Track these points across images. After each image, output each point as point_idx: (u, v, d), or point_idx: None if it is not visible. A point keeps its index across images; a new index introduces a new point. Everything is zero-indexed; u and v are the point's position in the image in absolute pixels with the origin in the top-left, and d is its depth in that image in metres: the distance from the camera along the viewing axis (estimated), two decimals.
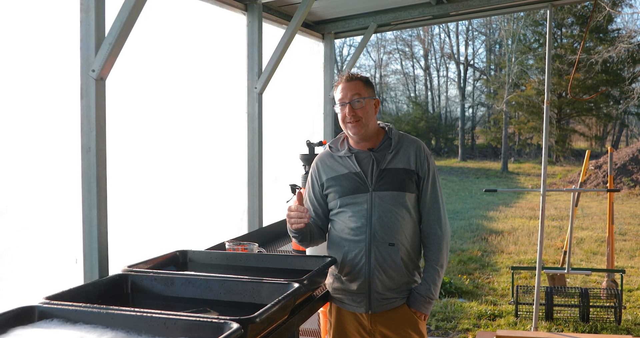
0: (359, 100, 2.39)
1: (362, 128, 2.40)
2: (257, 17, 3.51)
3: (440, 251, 2.43)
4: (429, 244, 2.46)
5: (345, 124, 2.42)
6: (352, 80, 2.42)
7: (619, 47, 17.43)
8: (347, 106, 2.38)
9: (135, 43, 2.47)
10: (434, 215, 2.45)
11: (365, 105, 2.40)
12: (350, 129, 2.41)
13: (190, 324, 1.60)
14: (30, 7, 2.11)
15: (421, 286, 2.43)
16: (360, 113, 2.38)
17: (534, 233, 9.50)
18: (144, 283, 2.12)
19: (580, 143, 29.02)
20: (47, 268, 2.19)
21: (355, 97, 2.39)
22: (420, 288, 2.42)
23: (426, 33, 33.23)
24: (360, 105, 2.39)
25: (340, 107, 2.41)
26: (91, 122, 2.22)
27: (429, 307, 2.43)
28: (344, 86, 2.42)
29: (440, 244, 2.44)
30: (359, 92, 2.40)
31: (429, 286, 2.41)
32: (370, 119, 2.42)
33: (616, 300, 5.10)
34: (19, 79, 2.09)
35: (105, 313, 1.67)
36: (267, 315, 1.68)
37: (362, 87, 2.42)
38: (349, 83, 2.41)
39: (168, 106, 2.90)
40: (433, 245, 2.44)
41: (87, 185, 2.24)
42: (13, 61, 2.06)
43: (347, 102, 2.39)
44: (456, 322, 5.17)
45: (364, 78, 2.45)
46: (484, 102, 32.45)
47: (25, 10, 2.10)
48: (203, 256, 2.56)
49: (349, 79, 2.42)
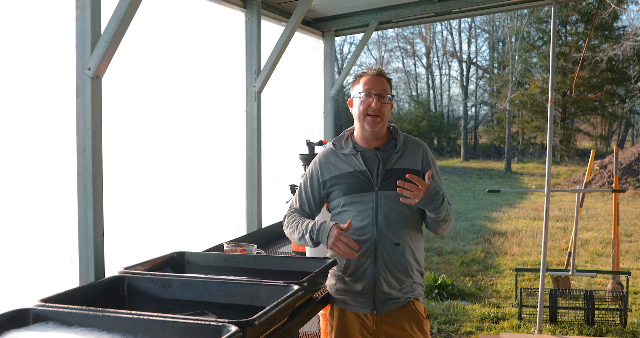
0: (385, 95, 2.43)
1: (379, 124, 2.42)
2: (256, 14, 3.51)
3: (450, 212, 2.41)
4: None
5: (365, 117, 2.42)
6: (381, 75, 2.46)
7: (624, 45, 17.44)
8: (375, 97, 2.40)
9: (131, 41, 2.47)
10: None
11: (388, 104, 2.45)
12: (368, 123, 2.42)
13: (187, 327, 1.60)
14: (24, 3, 2.11)
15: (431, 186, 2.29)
16: (383, 109, 2.42)
17: (538, 234, 9.50)
18: (140, 285, 2.12)
19: (585, 142, 29.04)
20: (42, 269, 2.19)
21: (384, 92, 2.43)
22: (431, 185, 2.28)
23: (428, 31, 33.27)
24: (385, 101, 2.43)
25: (365, 97, 2.42)
26: (87, 121, 2.22)
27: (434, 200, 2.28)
28: (373, 78, 2.44)
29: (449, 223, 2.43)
30: (386, 89, 2.44)
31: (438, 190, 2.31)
32: (387, 118, 2.47)
33: (622, 303, 5.10)
34: (14, 78, 2.09)
35: (101, 316, 1.67)
36: (267, 318, 1.68)
37: (388, 86, 2.47)
38: (379, 77, 2.45)
39: (165, 105, 2.90)
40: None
41: (83, 185, 2.24)
42: (7, 58, 2.06)
43: (375, 93, 2.41)
44: (459, 324, 5.17)
45: (390, 78, 2.51)
46: (487, 101, 32.46)
47: (19, 7, 2.10)
48: (201, 257, 2.56)
49: (379, 73, 2.46)
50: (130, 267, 2.25)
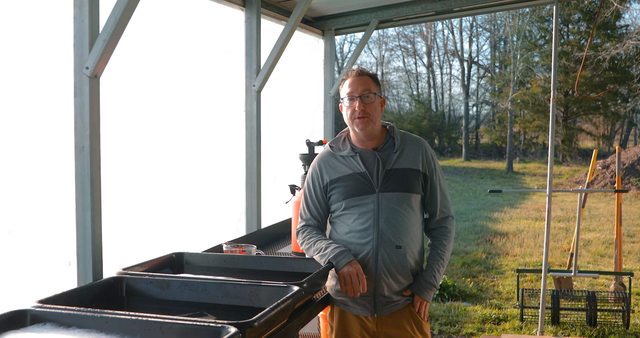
0: (368, 95, 2.40)
1: (369, 124, 2.40)
2: (256, 13, 3.51)
3: (448, 244, 2.50)
4: (438, 235, 2.50)
5: (353, 120, 2.41)
6: (362, 75, 2.43)
7: (627, 44, 17.44)
8: (357, 100, 2.39)
9: (130, 40, 2.47)
10: (445, 211, 2.51)
11: (374, 101, 2.41)
12: (357, 125, 2.41)
13: (186, 328, 1.60)
14: (22, 2, 2.11)
15: (426, 272, 2.45)
16: (369, 109, 2.39)
17: (540, 234, 9.50)
18: (139, 286, 2.12)
19: (588, 142, 29.03)
20: (39, 270, 2.19)
21: (366, 92, 2.40)
22: (425, 274, 2.44)
23: (429, 29, 33.26)
24: (369, 100, 2.40)
25: (349, 102, 2.41)
26: (85, 121, 2.22)
27: (432, 294, 2.46)
28: (354, 80, 2.42)
29: (449, 238, 2.50)
30: (369, 88, 2.41)
31: (433, 274, 2.44)
32: (377, 116, 2.44)
33: (624, 304, 5.10)
34: (11, 77, 2.09)
35: (99, 317, 1.67)
36: (266, 319, 1.68)
37: (371, 83, 2.44)
38: (359, 77, 2.42)
39: (164, 104, 2.90)
40: (442, 236, 2.50)
41: (81, 185, 2.24)
42: (4, 57, 2.06)
43: (356, 96, 2.39)
44: (460, 326, 5.16)
45: (373, 75, 2.47)
46: (488, 101, 32.44)
47: (17, 5, 2.10)
48: (200, 258, 2.56)
49: (359, 73, 2.44)
50: (129, 268, 2.25)
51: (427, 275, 2.44)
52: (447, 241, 2.49)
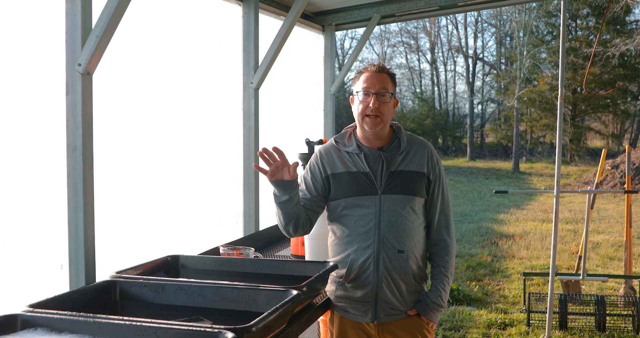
0: (384, 94, 2.36)
1: (379, 124, 2.37)
2: (254, 8, 3.52)
3: (450, 258, 2.48)
4: (438, 251, 2.49)
5: (363, 117, 2.37)
6: (382, 72, 2.39)
7: (637, 40, 17.43)
8: (372, 97, 2.35)
9: (123, 36, 2.46)
10: (443, 221, 2.48)
11: (389, 102, 2.38)
12: (367, 124, 2.37)
13: (182, 333, 1.60)
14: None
15: (431, 293, 2.45)
16: (382, 109, 2.36)
17: (547, 237, 9.50)
18: (133, 290, 2.12)
19: (596, 141, 29.07)
20: (30, 273, 2.19)
21: (382, 91, 2.36)
22: (430, 294, 2.44)
23: (433, 25, 33.30)
24: (385, 100, 2.36)
25: (363, 97, 2.37)
26: (77, 119, 2.22)
27: (439, 314, 2.46)
28: (372, 75, 2.38)
29: (450, 251, 2.48)
30: (386, 87, 2.38)
31: (439, 293, 2.44)
32: (389, 118, 2.41)
33: (634, 308, 5.11)
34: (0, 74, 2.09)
35: (92, 322, 1.67)
36: (264, 324, 1.68)
37: (389, 82, 2.40)
38: (378, 74, 2.38)
39: (159, 102, 2.90)
40: (442, 251, 2.48)
41: (73, 186, 2.24)
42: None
43: (373, 92, 2.35)
44: (464, 331, 5.17)
45: (392, 74, 2.43)
46: (494, 98, 32.47)
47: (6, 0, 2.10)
48: (196, 261, 2.56)
49: (379, 70, 2.39)
50: (123, 271, 2.25)
51: (433, 296, 2.43)
52: (448, 256, 2.48)
